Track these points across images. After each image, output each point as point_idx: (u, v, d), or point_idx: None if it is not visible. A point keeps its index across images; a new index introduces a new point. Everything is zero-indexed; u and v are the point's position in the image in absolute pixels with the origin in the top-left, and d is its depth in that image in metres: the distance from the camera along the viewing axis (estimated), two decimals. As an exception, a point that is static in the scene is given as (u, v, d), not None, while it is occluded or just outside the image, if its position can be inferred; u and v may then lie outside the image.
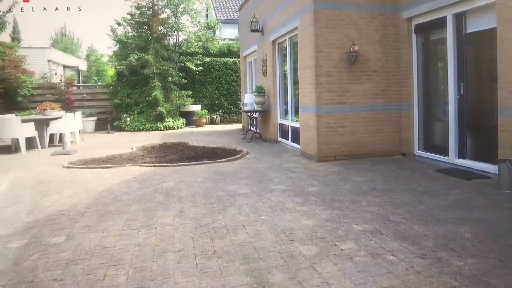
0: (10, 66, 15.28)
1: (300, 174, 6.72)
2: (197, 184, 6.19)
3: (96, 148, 10.95)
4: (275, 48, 10.94)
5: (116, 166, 8.02)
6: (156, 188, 6.01)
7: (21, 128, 10.51)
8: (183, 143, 11.46)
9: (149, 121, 15.88)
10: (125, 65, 16.25)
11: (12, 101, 15.65)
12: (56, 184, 6.52)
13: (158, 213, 4.69)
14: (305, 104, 8.47)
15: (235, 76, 18.10)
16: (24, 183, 6.74)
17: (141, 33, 16.79)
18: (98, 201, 5.37)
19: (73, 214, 4.77)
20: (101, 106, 17.29)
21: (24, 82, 15.92)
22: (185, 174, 7.02)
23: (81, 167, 8.10)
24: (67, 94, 16.76)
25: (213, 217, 4.46)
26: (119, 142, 12.22)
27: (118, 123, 16.13)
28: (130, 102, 16.41)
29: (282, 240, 3.69)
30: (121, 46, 17.05)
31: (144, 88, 16.28)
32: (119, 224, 4.34)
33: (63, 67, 23.24)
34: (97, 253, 3.54)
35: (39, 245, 3.82)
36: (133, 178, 6.82)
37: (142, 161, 8.67)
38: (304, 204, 4.88)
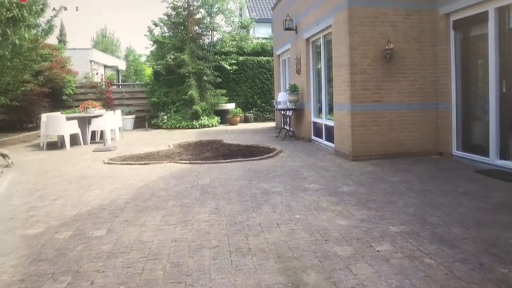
0: (56, 67, 15.89)
1: (335, 173, 6.62)
2: (231, 181, 6.22)
3: (135, 145, 11.22)
4: (309, 46, 10.83)
5: (154, 163, 8.19)
6: (192, 184, 6.08)
7: (66, 126, 10.90)
8: (217, 141, 11.56)
9: (185, 119, 16.11)
10: (162, 65, 16.57)
11: (58, 99, 16.29)
12: (97, 179, 6.72)
13: (194, 210, 4.74)
14: (340, 102, 8.34)
15: (268, 74, 18.08)
16: (69, 177, 6.99)
17: (177, 33, 17.05)
18: (136, 196, 5.49)
19: (113, 209, 4.90)
20: (139, 105, 17.70)
21: (69, 82, 16.53)
22: (220, 171, 7.07)
23: (120, 163, 8.32)
24: (107, 93, 17.26)
25: (247, 214, 4.47)
26: (157, 140, 12.47)
27: (155, 121, 16.46)
28: (167, 101, 16.71)
29: (316, 239, 3.64)
30: (158, 46, 17.38)
31: (180, 87, 16.54)
32: (157, 219, 4.42)
33: (103, 67, 23.97)
34: (136, 247, 3.61)
35: (83, 237, 3.94)
36: (170, 174, 6.93)
37: (179, 158, 8.80)
38: (339, 203, 4.80)
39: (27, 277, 3.12)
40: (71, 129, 11.10)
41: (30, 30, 10.19)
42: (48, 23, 12.04)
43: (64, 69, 16.39)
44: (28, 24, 9.59)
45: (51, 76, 15.57)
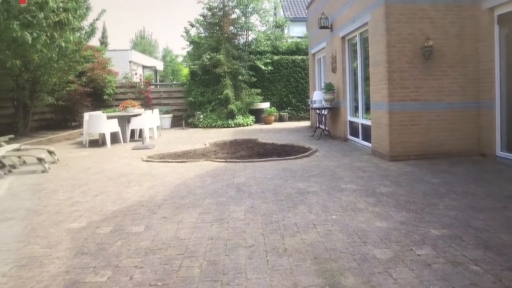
0: (98, 67, 16.41)
1: (372, 173, 6.45)
2: (266, 180, 6.17)
3: (172, 144, 11.39)
4: (345, 44, 10.63)
5: (190, 161, 8.27)
6: (228, 183, 6.08)
7: (106, 124, 11.21)
8: (252, 140, 11.56)
9: (220, 118, 16.23)
10: (198, 65, 16.76)
11: (99, 99, 16.82)
12: (136, 177, 6.86)
13: (230, 208, 4.73)
14: (377, 101, 8.12)
15: (303, 73, 17.91)
16: (109, 174, 7.17)
17: (213, 34, 17.20)
18: (174, 193, 5.55)
19: (152, 206, 4.97)
20: (176, 104, 17.98)
21: (110, 82, 17.03)
22: (255, 170, 7.04)
23: (158, 161, 8.45)
24: (146, 92, 17.64)
25: (283, 214, 4.41)
26: (193, 138, 12.61)
27: (192, 120, 16.67)
28: (203, 100, 16.88)
29: (354, 241, 3.54)
30: (194, 47, 17.60)
31: (216, 86, 16.67)
32: (193, 217, 4.44)
33: (142, 68, 24.54)
34: (173, 244, 3.64)
35: (122, 233, 4.01)
36: (206, 173, 6.97)
37: (215, 156, 8.85)
38: (377, 205, 4.66)
39: (71, 269, 3.20)
40: (112, 128, 11.40)
41: (74, 33, 10.54)
42: (91, 26, 12.44)
43: (105, 70, 16.90)
44: (73, 27, 9.92)
45: (93, 76, 16.09)
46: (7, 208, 5.17)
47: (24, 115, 13.10)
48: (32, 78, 12.57)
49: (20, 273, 3.19)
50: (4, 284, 3.04)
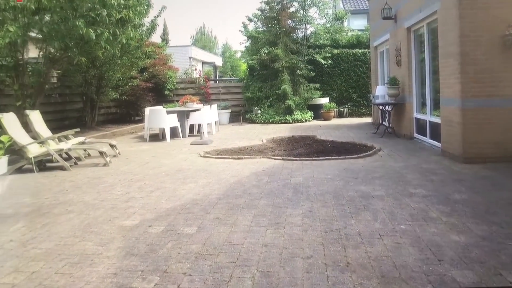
0: (159, 63, 16.76)
1: (443, 177, 5.81)
2: (326, 181, 5.78)
3: (230, 139, 11.28)
4: (410, 35, 9.85)
5: (247, 158, 8.06)
6: (285, 183, 5.77)
7: (166, 119, 11.34)
8: (311, 137, 11.14)
9: (278, 114, 15.93)
10: (256, 60, 16.55)
11: (161, 94, 17.19)
12: (192, 173, 6.75)
13: (286, 211, 4.41)
14: (448, 97, 7.39)
15: (364, 67, 17.08)
16: (166, 170, 7.14)
17: (271, 28, 16.89)
18: (229, 192, 5.34)
19: (206, 205, 4.79)
20: (234, 99, 17.94)
21: (170, 78, 17.35)
22: (313, 169, 6.67)
23: (215, 157, 8.33)
24: (205, 88, 17.77)
25: (345, 221, 4.01)
26: (250, 134, 12.44)
27: (249, 116, 16.54)
28: (260, 96, 16.68)
29: (427, 258, 3.08)
30: (252, 41, 17.40)
31: (274, 81, 16.38)
32: (248, 219, 4.18)
33: (201, 63, 24.84)
34: (225, 249, 3.40)
35: (173, 233, 3.85)
36: (263, 171, 6.71)
37: (272, 153, 8.58)
38: (451, 214, 4.11)
39: (120, 271, 3.07)
40: (171, 122, 11.52)
41: (136, 30, 10.74)
42: (152, 22, 12.65)
43: (166, 66, 17.24)
44: (134, 24, 10.08)
45: (154, 72, 16.46)
46: (69, 201, 5.24)
47: (91, 109, 13.66)
48: (99, 74, 13.05)
49: (71, 271, 3.11)
50: (56, 282, 2.97)
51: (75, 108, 13.98)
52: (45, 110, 12.59)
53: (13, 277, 3.09)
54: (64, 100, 13.61)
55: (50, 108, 12.86)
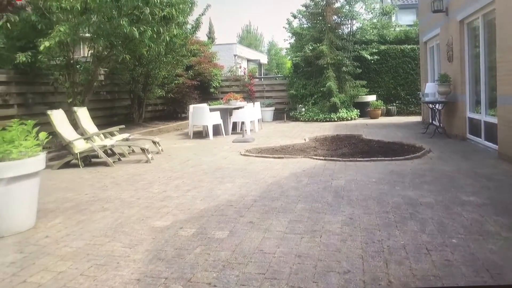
0: (204, 61, 16.80)
1: (501, 183, 5.21)
2: (370, 185, 5.37)
3: (272, 137, 11.02)
4: (463, 29, 9.07)
5: (288, 157, 7.76)
6: (325, 185, 5.42)
7: (209, 116, 11.27)
8: (356, 136, 10.64)
9: (323, 112, 15.46)
10: (300, 57, 16.11)
11: (206, 92, 17.23)
12: (231, 172, 6.56)
13: (324, 217, 4.09)
14: (506, 95, 6.69)
15: (413, 64, 16.15)
16: (206, 168, 7.00)
17: (316, 24, 16.38)
18: (265, 194, 5.08)
19: (240, 207, 4.56)
20: (278, 97, 17.64)
21: (215, 75, 17.34)
22: (357, 171, 6.26)
23: (256, 155, 8.11)
24: (249, 85, 17.61)
25: (388, 231, 3.62)
26: (293, 132, 12.11)
27: (293, 114, 16.19)
28: (305, 93, 16.26)
29: (484, 281, 2.65)
30: (297, 38, 16.96)
31: (319, 78, 15.90)
32: (283, 224, 3.90)
33: (246, 61, 24.74)
34: (255, 258, 3.14)
35: (204, 237, 3.65)
36: (303, 171, 6.39)
37: (314, 153, 8.23)
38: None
39: (143, 277, 2.91)
40: (214, 120, 11.43)
41: (180, 27, 10.73)
42: (197, 20, 12.63)
43: (211, 64, 17.24)
44: (178, 22, 10.06)
45: (200, 70, 16.51)
46: (107, 197, 5.22)
47: (138, 107, 13.91)
48: (145, 72, 13.24)
49: (96, 274, 3.00)
50: (79, 284, 2.87)
51: (124, 105, 14.29)
52: (95, 107, 12.98)
53: (41, 276, 3.02)
54: (113, 97, 13.95)
55: (100, 105, 13.23)
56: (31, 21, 8.95)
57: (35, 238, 3.83)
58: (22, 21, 8.99)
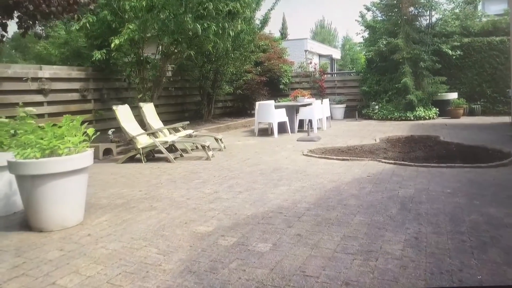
0: (274, 57, 16.44)
1: None
2: (444, 196, 4.60)
3: (340, 137, 10.35)
4: None
5: (353, 159, 7.12)
6: (391, 194, 4.76)
7: (274, 114, 10.88)
8: (433, 137, 9.58)
9: (397, 110, 14.32)
10: (374, 51, 15.02)
11: (275, 88, 16.86)
12: (289, 173, 6.11)
13: (385, 234, 3.49)
14: None
15: (502, 58, 14.25)
16: (264, 168, 6.63)
17: (391, 17, 15.13)
18: (321, 201, 4.57)
19: (290, 215, 4.11)
20: (351, 94, 16.72)
21: (285, 72, 16.90)
22: (430, 179, 5.46)
23: (318, 156, 7.56)
24: (320, 81, 16.92)
25: (461, 259, 2.94)
26: (364, 132, 11.30)
27: (366, 111, 15.22)
28: (378, 90, 15.20)
29: None
30: (370, 32, 15.85)
31: (394, 74, 14.73)
32: (334, 240, 3.39)
33: (318, 56, 23.91)
34: (294, 281, 2.68)
35: (243, 249, 3.27)
36: (367, 177, 5.74)
37: (383, 155, 7.47)
38: None
39: (170, 293, 2.60)
40: (279, 117, 11.02)
41: (247, 23, 10.46)
42: (266, 15, 12.29)
43: (281, 59, 16.82)
44: (244, 17, 9.78)
45: (269, 66, 16.18)
46: (158, 195, 5.07)
47: (207, 103, 13.97)
48: (214, 69, 13.23)
49: (121, 283, 2.76)
50: (104, 294, 2.64)
51: (194, 101, 14.47)
52: (167, 103, 13.28)
53: (70, 279, 2.87)
54: (184, 93, 14.18)
55: (171, 101, 13.51)
56: (107, 21, 9.26)
57: (78, 235, 3.74)
58: (99, 21, 9.34)
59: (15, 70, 8.84)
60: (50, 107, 9.41)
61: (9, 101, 8.64)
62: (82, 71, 10.23)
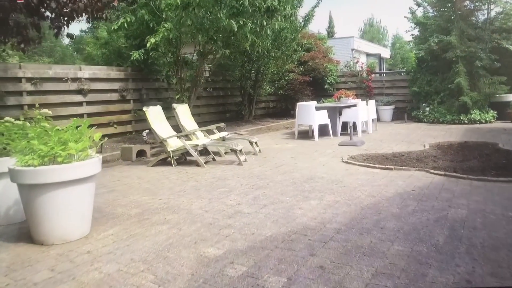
0: (318, 56, 15.64)
1: None
2: (505, 221, 3.74)
3: (385, 141, 9.47)
4: None
5: (398, 169, 6.31)
6: (439, 216, 3.97)
7: (315, 115, 10.18)
8: (490, 144, 8.45)
9: (450, 113, 13.04)
10: (424, 49, 13.74)
11: (320, 88, 16.07)
12: (323, 184, 5.45)
13: (427, 273, 2.76)
14: None
15: None
16: (297, 176, 6.01)
17: (443, 12, 13.76)
18: (354, 222, 3.88)
19: (316, 239, 3.47)
20: (399, 94, 15.54)
21: (331, 71, 16.05)
22: (486, 196, 4.59)
23: (359, 164, 6.80)
24: (367, 81, 15.89)
25: (533, 322, 2.20)
26: (412, 136, 10.30)
27: (415, 113, 14.04)
28: (429, 90, 13.93)
29: None
30: (421, 29, 14.52)
31: (446, 74, 13.42)
32: (363, 278, 2.72)
33: (366, 55, 22.65)
34: None
35: (252, 283, 2.70)
36: (412, 191, 4.95)
37: (432, 164, 6.58)
38: None
39: None
40: (321, 119, 10.29)
41: (287, 20, 9.82)
42: (309, 13, 11.56)
43: (326, 58, 15.98)
44: (285, 15, 9.15)
45: (313, 65, 15.41)
46: (176, 206, 4.62)
47: (248, 103, 13.50)
48: (255, 68, 12.72)
49: (105, 323, 2.28)
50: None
51: (235, 101, 14.06)
52: (208, 103, 12.98)
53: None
54: (225, 93, 13.80)
55: (212, 101, 13.19)
56: (145, 20, 9.02)
57: (77, 252, 3.34)
58: (137, 21, 9.12)
59: (56, 71, 8.84)
60: (89, 107, 9.36)
61: (50, 101, 8.66)
62: (121, 71, 10.12)
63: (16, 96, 8.15)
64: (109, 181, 6.14)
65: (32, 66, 8.66)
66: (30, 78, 8.32)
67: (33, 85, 8.35)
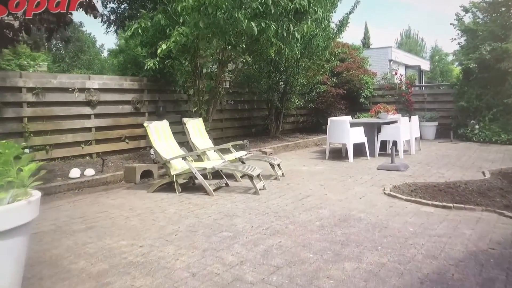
0: (353, 67, 14.02)
1: None
2: None
3: (433, 165, 7.76)
4: None
5: (458, 207, 4.67)
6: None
7: (349, 133, 8.60)
8: None
9: (506, 131, 11.05)
10: (474, 59, 11.80)
11: (355, 102, 14.39)
12: (361, 231, 3.92)
13: None
14: None
15: None
16: (325, 215, 4.50)
17: (496, 17, 11.78)
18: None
19: None
20: (443, 110, 13.58)
21: (366, 83, 14.37)
22: None
23: (406, 199, 5.18)
24: (407, 95, 14.08)
25: None
26: (464, 159, 8.51)
27: (463, 131, 12.10)
28: (479, 105, 11.97)
29: None
30: (469, 37, 12.54)
31: (500, 87, 11.47)
32: None
33: (404, 67, 20.68)
34: None
35: None
36: (488, 249, 3.33)
37: (501, 201, 4.91)
38: None
39: None
40: (356, 138, 8.69)
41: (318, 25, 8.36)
42: (343, 19, 10.06)
43: (362, 70, 14.33)
44: (315, 18, 7.69)
45: (348, 77, 13.81)
46: (157, 262, 3.25)
47: (275, 118, 12.08)
48: (284, 79, 11.31)
49: None
50: None
51: (262, 115, 12.67)
52: (232, 117, 11.65)
53: None
54: (251, 107, 12.45)
55: (237, 115, 11.87)
56: (161, 26, 7.85)
57: None
58: (153, 26, 7.97)
59: (61, 80, 7.79)
60: (98, 120, 8.25)
61: (54, 113, 7.62)
62: (136, 81, 8.98)
63: (15, 108, 7.14)
64: (94, 212, 4.88)
65: (35, 74, 7.65)
66: (32, 87, 7.30)
67: (35, 95, 7.32)
